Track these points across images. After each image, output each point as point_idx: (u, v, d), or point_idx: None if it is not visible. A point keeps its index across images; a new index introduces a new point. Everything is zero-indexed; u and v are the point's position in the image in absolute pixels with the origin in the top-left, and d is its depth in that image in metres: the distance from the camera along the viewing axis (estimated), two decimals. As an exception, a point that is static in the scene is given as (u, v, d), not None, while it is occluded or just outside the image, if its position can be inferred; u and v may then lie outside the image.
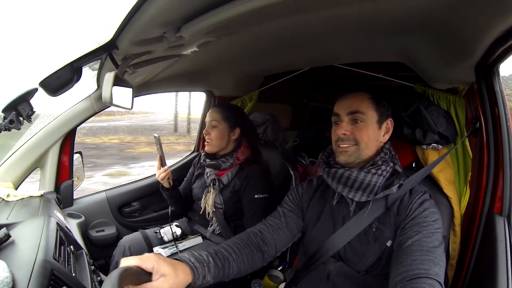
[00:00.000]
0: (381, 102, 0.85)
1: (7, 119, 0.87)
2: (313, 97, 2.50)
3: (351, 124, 0.84)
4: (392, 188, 0.79)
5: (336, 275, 0.83)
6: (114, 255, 1.31)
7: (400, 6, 0.64)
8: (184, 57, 0.95)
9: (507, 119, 0.83)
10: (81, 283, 0.72)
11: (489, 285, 0.76)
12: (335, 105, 0.88)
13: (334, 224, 0.86)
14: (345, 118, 0.84)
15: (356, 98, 0.85)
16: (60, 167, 1.31)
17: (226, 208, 1.31)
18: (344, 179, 0.82)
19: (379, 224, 0.80)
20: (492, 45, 0.70)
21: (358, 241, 0.81)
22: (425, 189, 0.83)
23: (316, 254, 0.86)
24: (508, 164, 0.82)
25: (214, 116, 1.31)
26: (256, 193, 1.26)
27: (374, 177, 0.80)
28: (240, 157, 1.31)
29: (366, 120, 0.83)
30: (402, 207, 0.79)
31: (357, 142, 0.83)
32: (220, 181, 1.31)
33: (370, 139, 0.83)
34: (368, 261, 0.80)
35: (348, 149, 0.83)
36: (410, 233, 0.73)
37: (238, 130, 1.32)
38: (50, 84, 0.83)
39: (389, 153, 0.86)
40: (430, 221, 0.74)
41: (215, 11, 0.59)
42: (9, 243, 0.69)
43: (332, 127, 0.89)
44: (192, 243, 1.29)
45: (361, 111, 0.83)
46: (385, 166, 0.83)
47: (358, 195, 0.81)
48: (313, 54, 1.18)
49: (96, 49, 0.81)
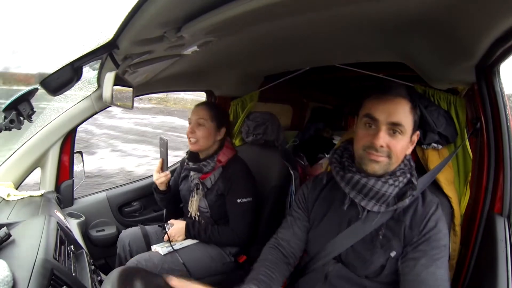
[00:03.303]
0: (416, 111, 0.80)
1: (7, 118, 0.88)
2: (313, 97, 2.50)
3: (388, 135, 0.77)
4: (406, 201, 0.77)
5: (334, 277, 0.82)
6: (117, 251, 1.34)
7: (400, 6, 0.64)
8: (184, 57, 0.95)
9: (507, 119, 0.82)
10: (81, 282, 0.72)
11: (489, 285, 0.75)
12: (371, 106, 0.79)
13: (339, 226, 0.84)
14: (383, 127, 0.76)
15: (399, 105, 0.77)
16: (61, 166, 1.31)
17: (212, 212, 1.30)
18: (359, 186, 0.78)
19: (387, 231, 0.79)
20: (492, 45, 0.69)
21: (362, 246, 0.80)
22: (437, 201, 0.81)
23: (318, 255, 0.86)
24: (508, 164, 0.82)
25: (201, 114, 1.26)
26: (238, 197, 1.24)
27: (390, 188, 0.77)
28: (222, 159, 1.28)
29: (403, 133, 0.77)
30: (416, 221, 0.77)
31: (390, 155, 0.77)
32: (203, 185, 1.29)
33: (402, 153, 0.79)
34: (370, 267, 0.78)
35: (380, 159, 0.77)
36: (424, 261, 0.72)
37: (224, 130, 1.29)
38: (50, 84, 0.83)
39: (408, 164, 0.83)
40: (442, 246, 0.74)
41: (216, 11, 0.59)
42: (10, 243, 0.69)
43: (362, 129, 0.81)
44: (189, 242, 1.29)
45: (402, 124, 0.76)
46: (403, 178, 0.79)
47: (371, 204, 0.78)
48: (313, 54, 1.18)
49: (97, 48, 0.81)
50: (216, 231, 1.26)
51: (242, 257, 1.32)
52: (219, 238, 1.26)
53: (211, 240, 1.27)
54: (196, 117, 1.26)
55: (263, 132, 1.55)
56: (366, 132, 0.79)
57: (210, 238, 1.26)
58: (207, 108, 1.28)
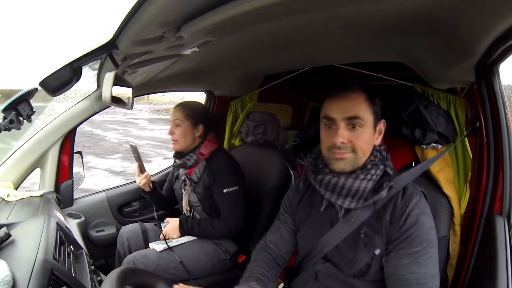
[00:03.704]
0: (376, 102, 0.79)
1: (7, 119, 0.87)
2: (313, 97, 2.50)
3: (348, 130, 0.77)
4: (382, 193, 0.75)
5: (324, 276, 0.82)
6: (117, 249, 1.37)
7: (400, 6, 0.64)
8: (184, 57, 0.95)
9: (507, 119, 0.82)
10: (81, 283, 0.72)
11: (489, 285, 0.76)
12: (327, 107, 0.80)
13: (323, 227, 0.84)
14: (341, 124, 0.77)
15: (353, 100, 0.77)
16: (60, 167, 1.31)
17: (203, 206, 1.33)
18: (331, 186, 0.78)
19: (368, 229, 0.78)
20: (492, 45, 0.69)
21: (346, 246, 0.80)
22: (419, 191, 0.79)
23: (308, 255, 0.86)
24: (508, 164, 0.82)
25: (176, 115, 1.31)
26: (224, 187, 1.26)
27: (363, 183, 0.76)
28: (204, 152, 1.31)
29: (363, 125, 0.76)
30: (396, 216, 0.75)
31: (354, 149, 0.77)
32: (190, 180, 1.33)
33: (367, 145, 0.78)
34: (355, 266, 0.78)
35: (345, 156, 0.77)
36: (406, 260, 0.72)
37: (202, 127, 1.32)
38: (50, 84, 0.83)
39: (379, 155, 0.81)
40: (425, 241, 0.72)
41: (215, 11, 0.59)
42: (10, 243, 0.69)
43: (323, 131, 0.81)
44: (185, 239, 1.31)
45: (359, 116, 0.76)
46: (375, 170, 0.78)
47: (347, 201, 0.78)
48: (312, 54, 1.18)
49: (96, 49, 0.81)
50: (209, 224, 1.28)
51: (241, 256, 1.33)
52: (213, 231, 1.28)
53: (205, 234, 1.29)
54: (173, 118, 1.33)
55: (263, 132, 1.55)
56: (327, 133, 0.80)
57: (204, 232, 1.28)
58: (181, 109, 1.32)
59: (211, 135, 1.37)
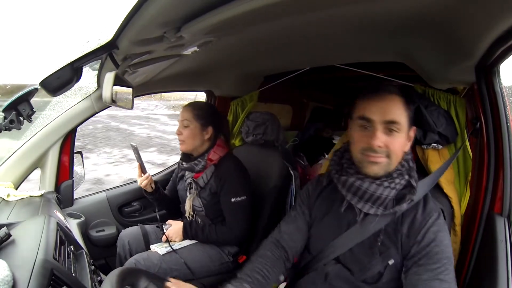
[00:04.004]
0: (410, 107, 0.77)
1: (7, 119, 0.88)
2: (313, 97, 2.50)
3: (385, 134, 0.74)
4: (403, 205, 0.75)
5: (334, 277, 0.82)
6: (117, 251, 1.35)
7: (400, 6, 0.64)
8: (184, 57, 0.95)
9: (507, 119, 0.82)
10: (81, 283, 0.72)
11: (489, 285, 0.76)
12: (364, 107, 0.77)
13: (338, 227, 0.83)
14: (379, 127, 0.74)
15: (392, 102, 0.75)
16: (60, 167, 1.31)
17: (207, 211, 1.30)
18: (354, 188, 0.77)
19: (385, 238, 0.77)
20: (492, 45, 0.69)
21: (361, 251, 0.79)
22: (439, 208, 0.78)
23: (319, 255, 0.85)
24: (508, 164, 0.82)
25: (185, 116, 1.27)
26: (232, 196, 1.23)
27: (386, 190, 0.75)
28: (213, 157, 1.27)
29: (400, 131, 0.74)
30: (414, 230, 0.75)
31: (389, 154, 0.74)
32: (197, 184, 1.30)
33: (400, 151, 0.76)
34: (368, 272, 0.78)
35: (379, 160, 0.74)
36: (426, 276, 0.69)
37: (211, 129, 1.29)
38: (50, 84, 0.83)
39: (406, 164, 0.79)
40: (444, 258, 0.71)
41: (215, 11, 0.59)
42: (10, 243, 0.69)
43: (357, 131, 0.79)
44: (187, 242, 1.30)
45: (397, 121, 0.74)
46: (399, 179, 0.77)
47: (367, 206, 0.77)
48: (313, 54, 1.18)
49: (96, 49, 0.81)
50: (213, 230, 1.26)
51: (242, 257, 1.32)
52: (216, 237, 1.26)
53: (208, 239, 1.27)
54: (181, 119, 1.29)
55: (263, 132, 1.55)
56: (362, 134, 0.77)
57: (208, 238, 1.27)
58: (191, 109, 1.29)
59: (221, 139, 1.34)
